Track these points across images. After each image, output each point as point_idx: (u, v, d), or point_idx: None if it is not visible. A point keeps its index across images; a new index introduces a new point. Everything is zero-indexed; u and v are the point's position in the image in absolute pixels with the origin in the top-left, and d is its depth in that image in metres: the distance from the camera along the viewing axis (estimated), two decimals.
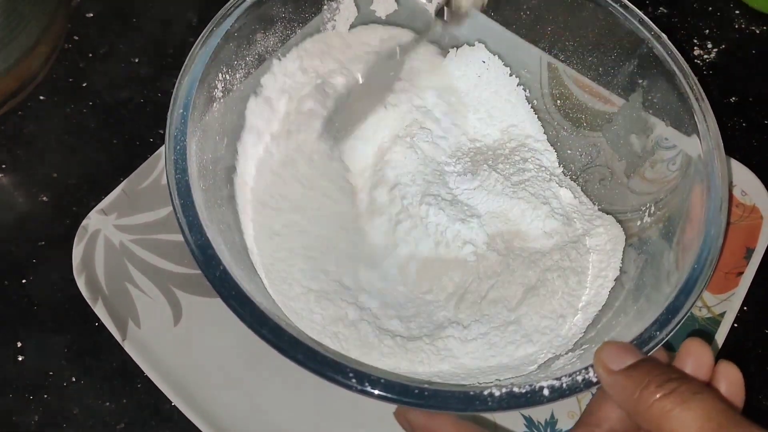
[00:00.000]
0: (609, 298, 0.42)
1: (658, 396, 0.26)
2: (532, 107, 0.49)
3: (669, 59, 0.41)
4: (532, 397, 0.31)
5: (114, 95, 0.53)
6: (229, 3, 0.41)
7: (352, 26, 0.48)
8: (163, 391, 0.40)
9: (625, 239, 0.44)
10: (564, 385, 0.31)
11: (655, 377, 0.27)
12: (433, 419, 0.33)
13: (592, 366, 0.31)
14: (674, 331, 0.33)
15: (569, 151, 0.48)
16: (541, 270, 0.43)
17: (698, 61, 0.59)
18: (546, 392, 0.31)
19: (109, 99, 0.53)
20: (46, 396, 0.42)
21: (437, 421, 0.32)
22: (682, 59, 0.41)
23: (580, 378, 0.31)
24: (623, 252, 0.43)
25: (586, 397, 0.42)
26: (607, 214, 0.45)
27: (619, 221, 0.45)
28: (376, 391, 0.29)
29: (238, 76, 0.42)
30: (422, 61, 0.49)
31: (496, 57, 0.49)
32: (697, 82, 0.41)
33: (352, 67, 0.47)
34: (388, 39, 0.48)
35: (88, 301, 0.42)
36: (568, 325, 0.41)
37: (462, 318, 0.41)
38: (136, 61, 0.55)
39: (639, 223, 0.43)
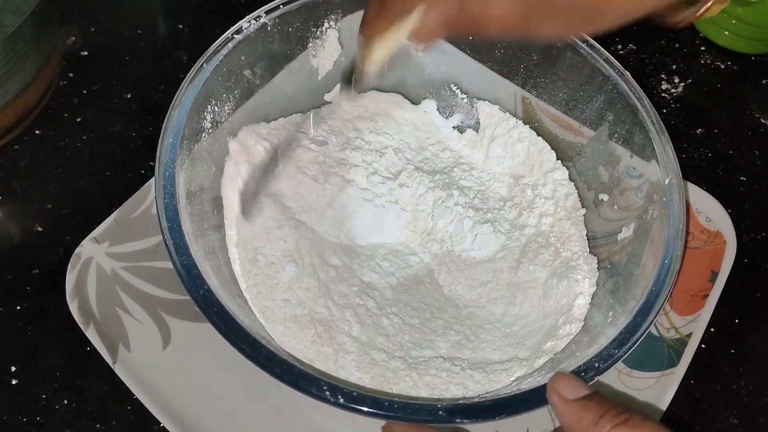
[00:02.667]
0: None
1: (615, 423, 0.30)
2: None
3: (632, 95, 0.44)
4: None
5: (107, 129, 0.55)
6: (219, 39, 0.43)
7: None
8: (153, 413, 0.41)
9: (598, 264, 0.46)
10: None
11: (611, 408, 0.30)
12: (416, 430, 0.34)
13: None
14: (633, 349, 0.35)
15: None
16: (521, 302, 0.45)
17: (666, 95, 0.61)
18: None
19: (102, 133, 0.55)
20: (39, 419, 0.43)
21: None
22: (644, 95, 0.44)
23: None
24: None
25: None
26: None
27: (591, 246, 0.47)
28: (350, 404, 0.31)
29: (226, 108, 0.44)
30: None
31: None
32: (657, 115, 0.43)
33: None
34: None
35: (80, 325, 0.43)
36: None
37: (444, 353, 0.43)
38: (128, 96, 0.57)
39: (609, 248, 0.46)
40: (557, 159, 0.50)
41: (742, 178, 0.57)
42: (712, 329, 0.49)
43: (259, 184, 0.45)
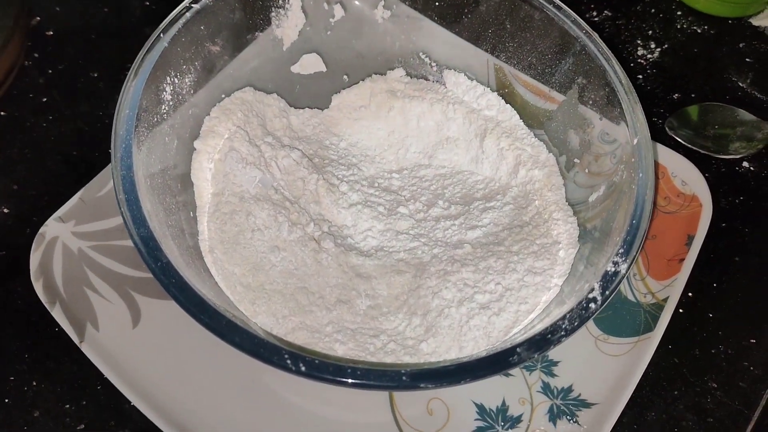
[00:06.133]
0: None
1: None
2: None
3: (600, 56, 0.43)
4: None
5: (73, 109, 0.54)
6: (177, 9, 0.42)
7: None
8: (122, 392, 0.41)
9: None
10: None
11: None
12: None
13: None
14: (600, 310, 0.34)
15: None
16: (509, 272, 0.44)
17: (642, 61, 0.61)
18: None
19: (69, 113, 0.54)
20: (6, 400, 0.43)
21: None
22: (612, 55, 0.43)
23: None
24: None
25: (536, 384, 0.44)
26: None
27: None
28: (312, 372, 0.31)
29: (187, 80, 0.43)
30: None
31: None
32: (626, 76, 0.42)
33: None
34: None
35: (45, 305, 0.43)
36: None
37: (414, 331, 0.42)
38: (95, 75, 0.56)
39: (582, 215, 0.45)
40: (528, 126, 0.49)
41: None
42: (690, 294, 0.48)
43: None
